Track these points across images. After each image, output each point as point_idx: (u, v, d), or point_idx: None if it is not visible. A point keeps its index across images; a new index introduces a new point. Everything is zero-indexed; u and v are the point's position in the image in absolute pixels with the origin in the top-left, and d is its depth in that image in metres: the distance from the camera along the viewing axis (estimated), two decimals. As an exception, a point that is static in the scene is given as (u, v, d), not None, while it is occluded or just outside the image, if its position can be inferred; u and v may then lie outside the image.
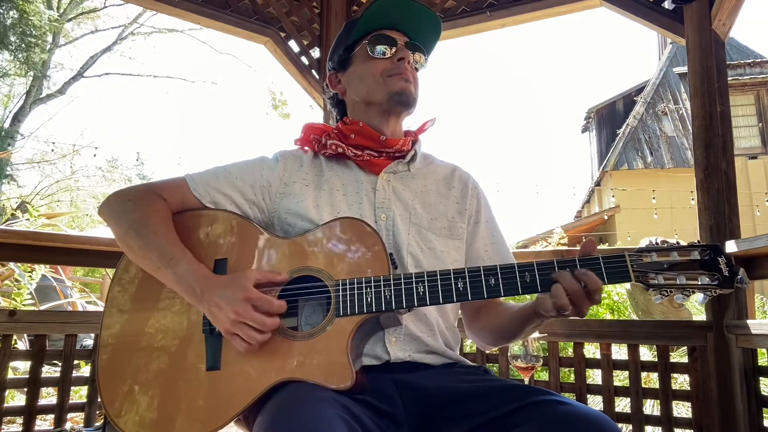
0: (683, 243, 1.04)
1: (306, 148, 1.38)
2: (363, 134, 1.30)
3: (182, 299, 1.15)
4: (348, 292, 1.08)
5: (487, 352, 2.36)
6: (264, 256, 1.17)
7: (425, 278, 1.07)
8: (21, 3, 13.02)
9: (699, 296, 1.00)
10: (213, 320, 1.06)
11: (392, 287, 1.06)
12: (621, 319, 5.00)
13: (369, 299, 1.06)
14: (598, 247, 1.11)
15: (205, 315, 1.08)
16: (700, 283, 0.98)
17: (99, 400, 1.13)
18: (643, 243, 1.11)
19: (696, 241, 1.04)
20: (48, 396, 3.20)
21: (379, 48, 1.30)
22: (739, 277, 0.97)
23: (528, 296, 1.18)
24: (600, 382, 2.13)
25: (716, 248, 1.00)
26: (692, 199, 2.63)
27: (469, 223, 1.35)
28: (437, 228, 1.29)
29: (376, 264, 1.10)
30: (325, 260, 1.13)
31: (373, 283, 1.07)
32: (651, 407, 2.91)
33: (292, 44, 2.92)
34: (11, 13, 13.15)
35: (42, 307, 4.20)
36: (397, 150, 1.32)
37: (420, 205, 1.30)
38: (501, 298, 1.28)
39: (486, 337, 1.33)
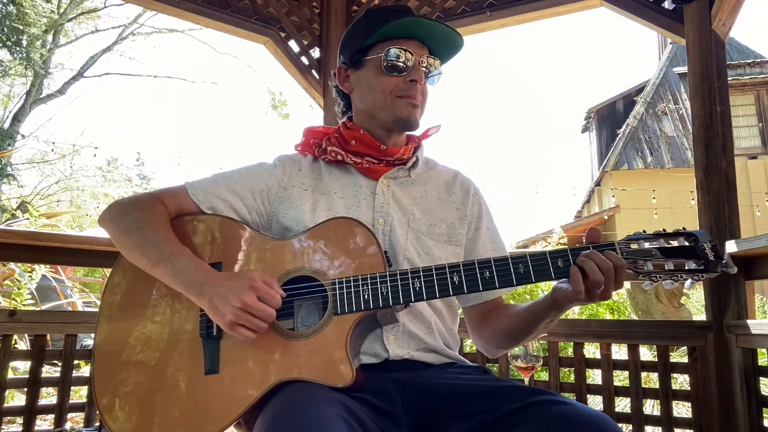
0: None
1: (306, 152, 1.38)
2: (363, 142, 1.30)
3: (178, 304, 1.15)
4: (345, 290, 1.08)
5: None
6: (259, 259, 1.17)
7: (421, 273, 1.08)
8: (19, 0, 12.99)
9: (687, 282, 1.03)
10: (213, 312, 1.05)
11: (388, 283, 1.07)
12: (621, 319, 5.00)
13: (366, 296, 1.07)
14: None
15: (204, 308, 1.07)
16: (687, 268, 1.02)
17: (96, 407, 1.12)
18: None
19: (682, 228, 1.06)
20: (48, 396, 3.20)
21: (394, 65, 1.24)
22: (723, 261, 1.01)
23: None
24: (600, 382, 2.13)
25: (701, 234, 1.03)
26: (692, 199, 2.63)
27: (469, 229, 1.35)
28: (436, 234, 1.28)
29: (372, 262, 1.10)
30: (320, 260, 1.13)
31: (369, 280, 1.08)
32: (651, 407, 2.90)
33: (292, 44, 2.91)
34: (10, 8, 13.12)
35: (42, 307, 4.20)
36: (397, 158, 1.32)
37: (419, 211, 1.29)
38: (508, 302, 1.31)
39: (497, 340, 1.31)
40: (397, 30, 1.25)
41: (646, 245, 1.03)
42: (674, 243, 1.03)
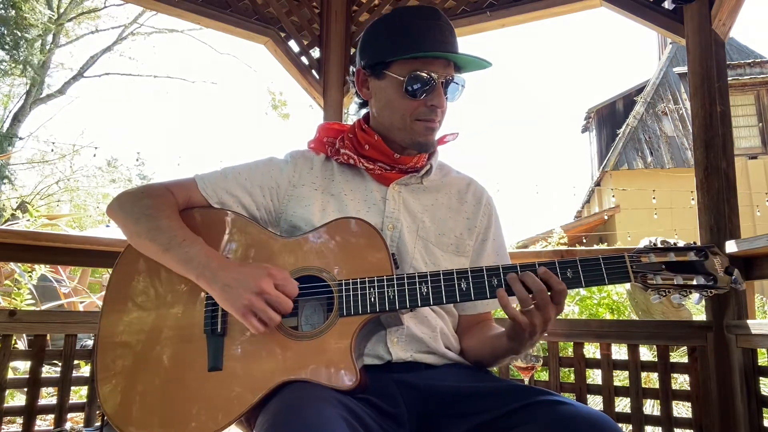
0: (681, 243, 1.05)
1: (319, 151, 1.37)
2: (377, 149, 1.28)
3: (184, 298, 1.15)
4: (351, 292, 1.08)
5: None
6: (264, 256, 1.17)
7: (428, 278, 1.07)
8: (18, 0, 12.98)
9: (695, 296, 1.02)
10: (226, 297, 1.04)
11: (395, 287, 1.07)
12: (621, 319, 5.00)
13: (372, 299, 1.06)
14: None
15: (216, 294, 1.06)
16: (696, 283, 1.01)
17: (98, 400, 1.12)
18: (642, 244, 1.13)
19: (692, 243, 1.06)
20: (48, 396, 3.20)
21: (417, 90, 1.19)
22: (733, 277, 1.00)
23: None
24: (600, 382, 2.13)
25: (712, 249, 1.02)
26: (692, 199, 2.63)
27: (477, 240, 1.34)
28: (444, 244, 1.28)
29: (379, 264, 1.10)
30: (327, 260, 1.13)
31: (376, 283, 1.07)
32: (651, 407, 2.90)
33: (292, 44, 2.91)
34: (9, 12, 13.12)
35: (42, 307, 4.20)
36: (410, 167, 1.30)
37: (429, 219, 1.28)
38: (494, 327, 1.30)
39: (467, 357, 1.31)
40: (424, 53, 1.19)
41: (657, 259, 1.03)
42: (684, 258, 1.02)
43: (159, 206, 1.17)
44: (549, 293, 1.02)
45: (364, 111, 1.38)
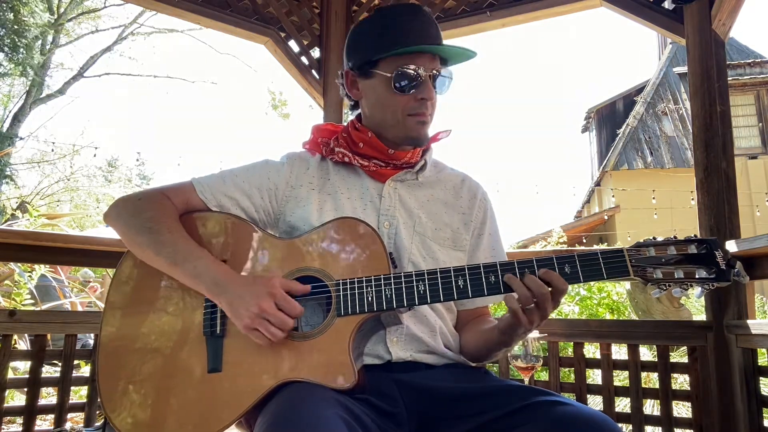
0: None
1: (314, 151, 1.37)
2: (371, 145, 1.29)
3: (183, 302, 1.15)
4: (348, 292, 1.08)
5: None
6: (264, 257, 1.17)
7: (425, 276, 1.07)
8: (16, 3, 12.96)
9: (697, 290, 1.00)
10: (232, 313, 1.05)
11: (393, 286, 1.07)
12: (621, 319, 5.00)
13: (370, 298, 1.06)
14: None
15: (224, 308, 1.07)
16: (697, 276, 0.99)
17: (99, 401, 1.12)
18: (642, 243, 1.12)
19: (693, 236, 1.05)
20: (48, 396, 3.19)
21: (404, 85, 1.20)
22: (735, 270, 0.98)
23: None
24: (600, 382, 2.13)
25: (713, 242, 1.01)
26: (692, 199, 2.63)
27: (473, 235, 1.34)
28: (441, 238, 1.28)
29: (376, 263, 1.10)
30: (324, 260, 1.13)
31: (373, 282, 1.07)
32: (651, 407, 2.91)
33: (292, 44, 2.91)
34: (8, 14, 13.11)
35: (42, 307, 4.20)
36: (405, 162, 1.31)
37: (425, 215, 1.29)
38: (492, 320, 1.30)
39: (464, 353, 1.31)
40: (408, 48, 1.20)
41: (657, 253, 1.01)
42: (685, 251, 1.00)
43: (160, 218, 1.17)
44: (549, 289, 1.02)
45: (357, 111, 1.38)
